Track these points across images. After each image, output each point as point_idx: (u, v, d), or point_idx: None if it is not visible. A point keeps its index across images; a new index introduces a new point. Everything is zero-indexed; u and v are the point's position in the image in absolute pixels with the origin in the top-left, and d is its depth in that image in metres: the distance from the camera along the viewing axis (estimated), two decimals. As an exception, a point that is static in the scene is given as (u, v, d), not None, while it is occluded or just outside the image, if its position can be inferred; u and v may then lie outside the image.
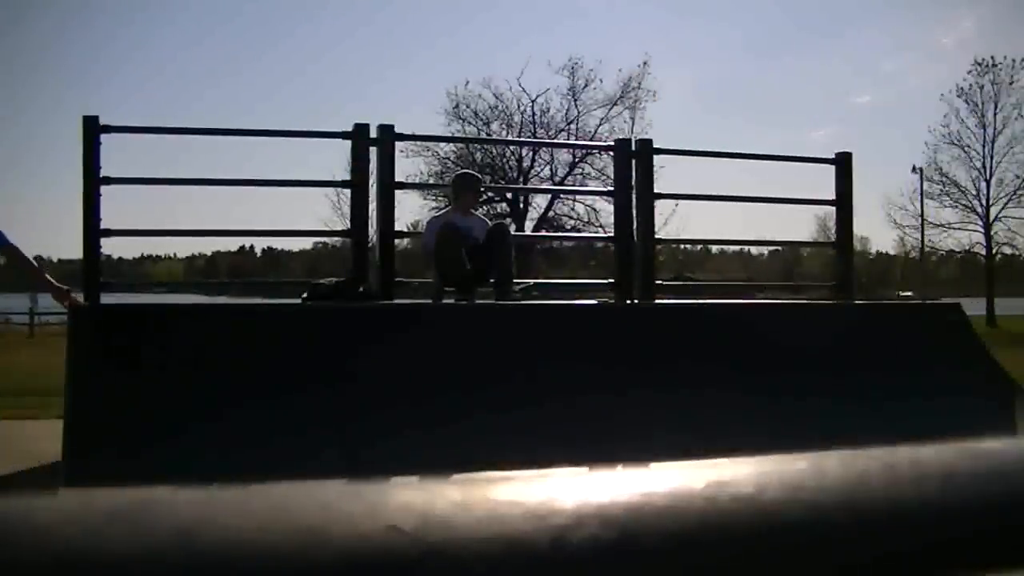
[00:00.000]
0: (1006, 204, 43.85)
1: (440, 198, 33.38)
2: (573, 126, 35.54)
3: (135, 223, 9.92)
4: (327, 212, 34.85)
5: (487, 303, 7.68)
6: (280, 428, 5.56)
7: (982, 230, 44.09)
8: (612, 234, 9.42)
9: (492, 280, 7.95)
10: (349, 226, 8.41)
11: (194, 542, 0.37)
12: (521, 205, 32.87)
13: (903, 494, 0.45)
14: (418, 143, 31.01)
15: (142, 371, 5.93)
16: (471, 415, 5.97)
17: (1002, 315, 42.48)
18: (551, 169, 34.03)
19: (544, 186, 35.58)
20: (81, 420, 5.53)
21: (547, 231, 31.33)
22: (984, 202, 43.72)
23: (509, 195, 33.42)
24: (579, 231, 30.18)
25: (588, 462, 0.52)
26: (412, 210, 44.56)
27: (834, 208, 9.90)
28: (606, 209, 25.36)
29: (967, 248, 46.08)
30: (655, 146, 9.26)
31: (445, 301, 8.07)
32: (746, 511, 0.42)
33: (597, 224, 30.45)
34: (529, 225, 30.84)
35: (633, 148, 9.18)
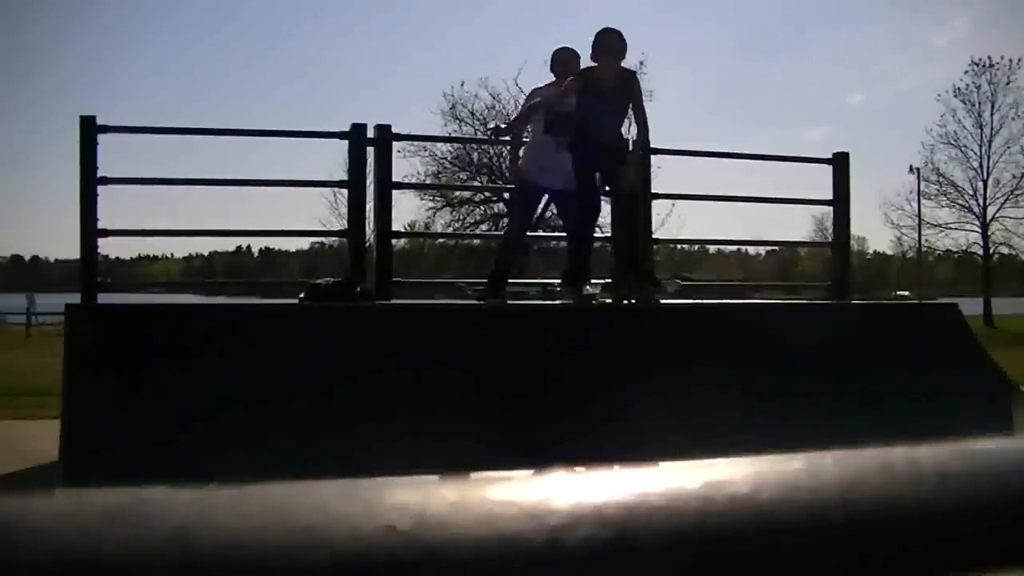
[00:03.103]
0: (1003, 204, 43.90)
1: (437, 198, 33.40)
2: (570, 126, 35.51)
3: (133, 223, 9.92)
4: (324, 212, 34.85)
5: (482, 303, 7.67)
6: (278, 428, 5.55)
7: (979, 230, 44.12)
8: (609, 234, 9.42)
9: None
10: (346, 226, 8.41)
11: (190, 542, 0.37)
12: (518, 205, 32.75)
13: (899, 494, 0.45)
14: (415, 143, 30.99)
15: (139, 371, 5.92)
16: (468, 414, 5.97)
17: (999, 315, 42.53)
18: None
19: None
20: (78, 420, 5.53)
21: (544, 231, 31.31)
22: (981, 202, 43.76)
23: (507, 195, 33.40)
24: (576, 231, 30.14)
25: (584, 462, 0.52)
26: (409, 210, 44.52)
27: (831, 208, 9.91)
28: (603, 209, 25.33)
29: (964, 248, 46.11)
30: (652, 146, 9.26)
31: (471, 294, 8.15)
32: (742, 511, 0.42)
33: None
34: (526, 225, 30.72)
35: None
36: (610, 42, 7.27)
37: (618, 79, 7.31)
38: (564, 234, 8.48)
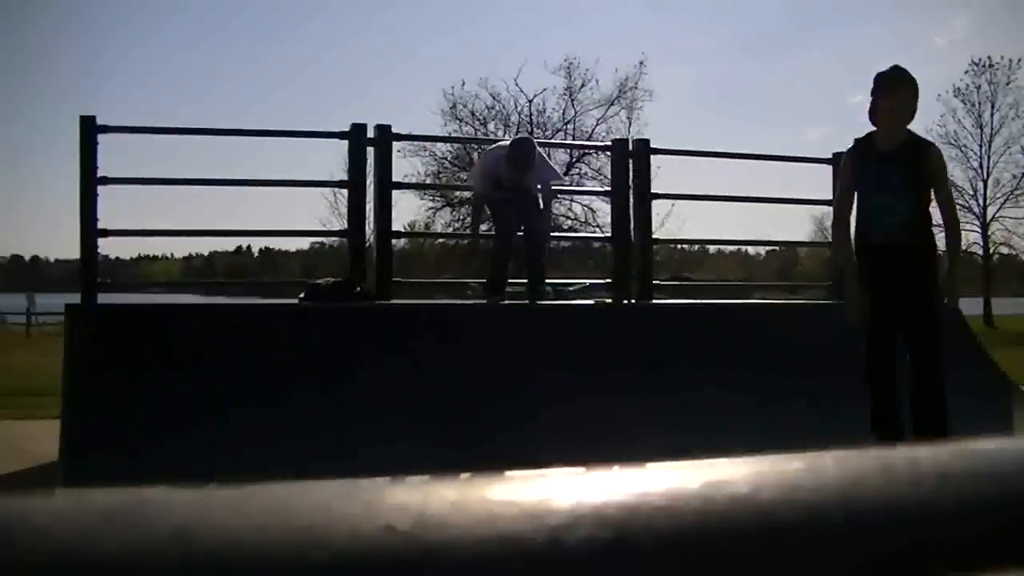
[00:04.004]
0: (1003, 204, 43.89)
1: (437, 198, 33.42)
2: (570, 126, 35.60)
3: (133, 223, 9.93)
4: (324, 212, 34.86)
5: (482, 303, 7.68)
6: (278, 428, 5.56)
7: (979, 230, 44.10)
8: (609, 234, 9.43)
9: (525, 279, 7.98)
10: (346, 226, 8.41)
11: (190, 542, 0.37)
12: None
13: (899, 494, 0.45)
14: (415, 143, 31.00)
15: (139, 371, 5.92)
16: (467, 414, 5.97)
17: (999, 315, 42.53)
18: (548, 169, 33.93)
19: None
20: (78, 420, 5.53)
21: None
22: (981, 202, 43.75)
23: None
24: (576, 231, 30.23)
25: (585, 462, 0.52)
26: (409, 210, 44.49)
27: (831, 208, 9.89)
28: (603, 209, 25.40)
29: (964, 248, 46.07)
30: (652, 146, 9.27)
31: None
32: (742, 511, 0.42)
33: (594, 224, 30.49)
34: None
35: (630, 148, 9.18)
36: (890, 82, 5.17)
37: (907, 144, 5.15)
38: (562, 234, 8.46)
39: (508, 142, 7.89)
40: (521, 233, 7.91)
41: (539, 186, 7.82)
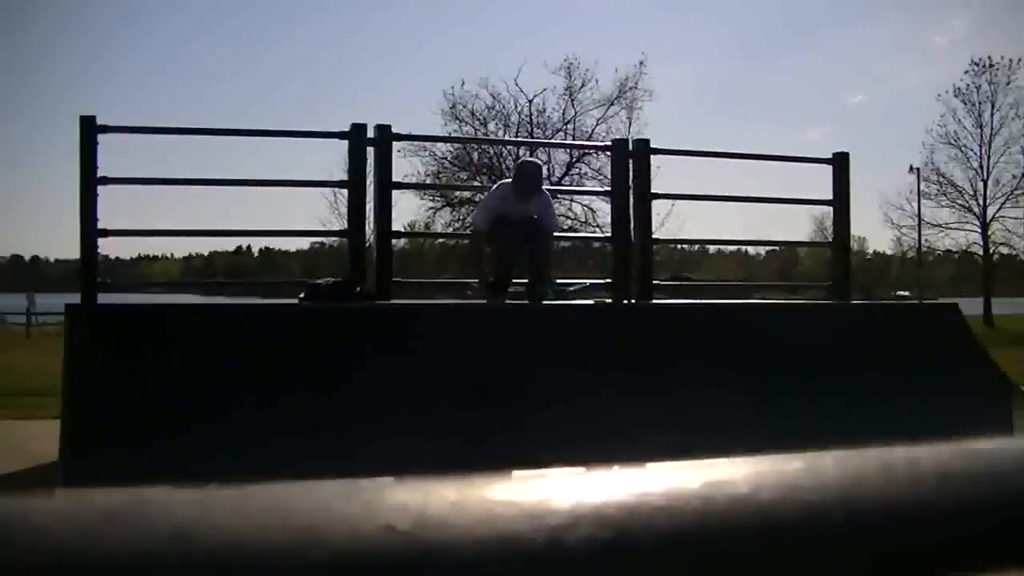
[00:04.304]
0: (1003, 204, 43.84)
1: (437, 198, 33.44)
2: (570, 126, 35.55)
3: (133, 223, 9.92)
4: (324, 212, 34.76)
5: (482, 303, 7.67)
6: (277, 428, 5.55)
7: (979, 230, 44.09)
8: (609, 234, 9.43)
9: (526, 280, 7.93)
10: (346, 226, 8.41)
11: (190, 542, 0.37)
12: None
13: (899, 494, 0.45)
14: (415, 143, 30.95)
15: (139, 371, 5.92)
16: (467, 414, 5.97)
17: (999, 315, 42.54)
18: (548, 169, 33.95)
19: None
20: (78, 420, 5.53)
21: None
22: (981, 202, 43.71)
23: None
24: (576, 231, 30.20)
25: (585, 462, 0.52)
26: (409, 210, 44.48)
27: (831, 208, 9.91)
28: (603, 209, 25.36)
29: (964, 248, 46.08)
30: (652, 146, 9.27)
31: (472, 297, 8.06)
32: (742, 511, 0.42)
33: (594, 224, 30.46)
34: (526, 225, 30.53)
35: (630, 148, 9.18)
36: None
37: None
38: (562, 234, 8.44)
39: (508, 181, 7.84)
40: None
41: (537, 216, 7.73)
